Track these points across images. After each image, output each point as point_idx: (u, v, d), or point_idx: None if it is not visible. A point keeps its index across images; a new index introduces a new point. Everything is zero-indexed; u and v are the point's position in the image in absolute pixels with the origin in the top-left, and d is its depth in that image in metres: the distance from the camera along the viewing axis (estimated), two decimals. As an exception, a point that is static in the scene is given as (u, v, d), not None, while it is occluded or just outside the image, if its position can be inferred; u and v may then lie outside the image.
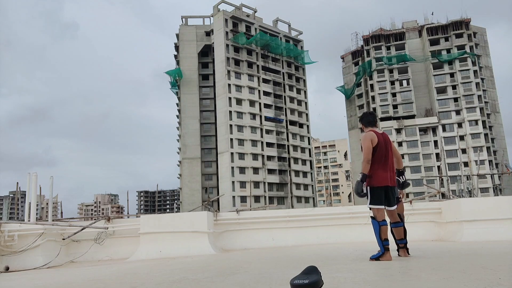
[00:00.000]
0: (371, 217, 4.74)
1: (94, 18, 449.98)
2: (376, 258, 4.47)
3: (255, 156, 68.40)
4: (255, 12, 76.79)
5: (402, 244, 4.75)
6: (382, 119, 76.22)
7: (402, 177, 5.00)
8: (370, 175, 4.70)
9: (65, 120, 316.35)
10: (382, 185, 4.65)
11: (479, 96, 73.38)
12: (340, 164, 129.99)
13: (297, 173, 73.73)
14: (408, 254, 4.78)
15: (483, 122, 72.54)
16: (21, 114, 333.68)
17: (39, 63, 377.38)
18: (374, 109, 77.50)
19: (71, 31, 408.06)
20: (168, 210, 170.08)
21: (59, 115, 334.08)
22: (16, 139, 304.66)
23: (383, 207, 4.66)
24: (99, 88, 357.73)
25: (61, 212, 17.68)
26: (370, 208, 4.74)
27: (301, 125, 77.52)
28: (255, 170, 67.56)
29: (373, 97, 78.95)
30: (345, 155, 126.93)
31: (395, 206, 4.81)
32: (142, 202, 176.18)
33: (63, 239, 8.16)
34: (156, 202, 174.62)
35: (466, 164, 53.29)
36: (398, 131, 74.80)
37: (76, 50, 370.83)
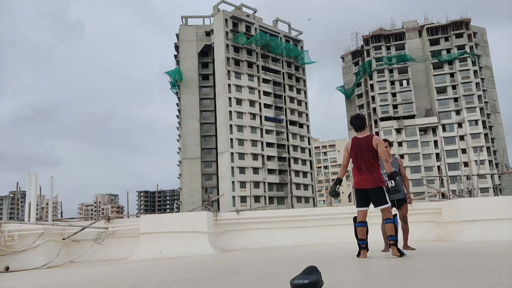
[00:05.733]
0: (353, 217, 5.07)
1: (96, 18, 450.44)
2: (357, 255, 4.86)
3: (255, 156, 68.38)
4: (255, 12, 76.77)
5: (392, 241, 4.80)
6: (382, 119, 76.27)
7: (391, 182, 4.93)
8: None
9: (68, 120, 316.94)
10: (355, 187, 4.99)
11: (479, 96, 73.37)
12: (340, 164, 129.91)
13: (297, 173, 73.72)
14: (400, 253, 4.70)
15: (483, 122, 72.52)
16: (24, 113, 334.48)
17: (44, 63, 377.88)
18: (374, 109, 77.57)
19: (76, 31, 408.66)
20: (168, 210, 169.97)
21: (62, 115, 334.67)
22: (19, 138, 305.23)
23: (360, 208, 4.95)
24: (102, 88, 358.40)
25: (61, 212, 17.69)
26: None
27: (301, 125, 77.51)
28: (255, 170, 67.54)
29: (373, 97, 78.94)
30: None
31: (382, 207, 4.88)
32: (142, 202, 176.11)
33: (63, 239, 8.17)
34: (156, 202, 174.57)
35: (466, 164, 53.30)
36: (398, 131, 74.78)
37: (80, 50, 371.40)
